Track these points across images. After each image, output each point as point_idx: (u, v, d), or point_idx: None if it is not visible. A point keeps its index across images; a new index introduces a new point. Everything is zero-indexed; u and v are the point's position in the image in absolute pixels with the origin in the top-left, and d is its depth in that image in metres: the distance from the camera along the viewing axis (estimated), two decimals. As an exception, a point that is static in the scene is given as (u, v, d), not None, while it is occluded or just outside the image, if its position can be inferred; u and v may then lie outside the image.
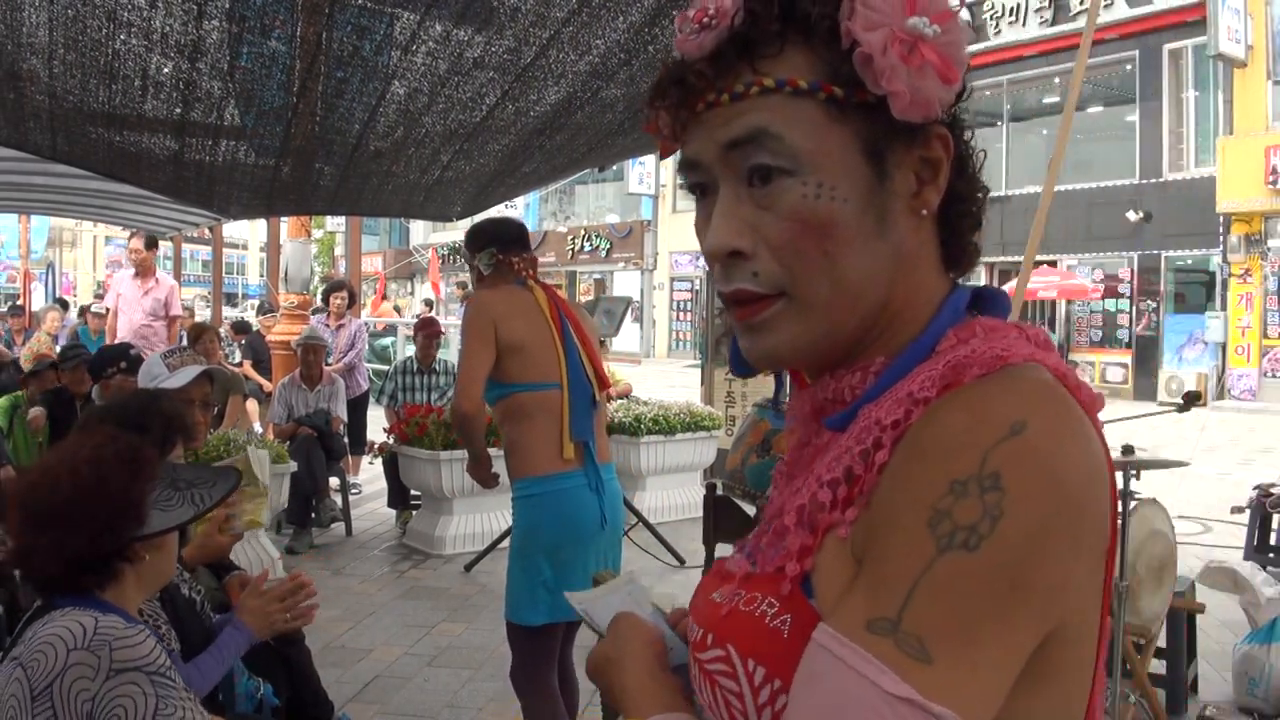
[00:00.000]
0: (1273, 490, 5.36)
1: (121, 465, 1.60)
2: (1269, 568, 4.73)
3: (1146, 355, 17.85)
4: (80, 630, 1.50)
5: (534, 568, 2.70)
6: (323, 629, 4.27)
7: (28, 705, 1.44)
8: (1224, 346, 16.53)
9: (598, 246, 29.43)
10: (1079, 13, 17.79)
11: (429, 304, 18.36)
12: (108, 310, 13.65)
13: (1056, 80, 19.41)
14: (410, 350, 8.28)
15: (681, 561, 5.80)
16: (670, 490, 7.12)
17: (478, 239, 2.90)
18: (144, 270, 7.31)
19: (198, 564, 2.51)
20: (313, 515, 6.16)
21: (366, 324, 9.56)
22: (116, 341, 6.60)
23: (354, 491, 7.39)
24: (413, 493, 6.59)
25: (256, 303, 30.69)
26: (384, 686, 3.97)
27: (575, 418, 2.73)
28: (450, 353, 10.06)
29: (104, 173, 4.62)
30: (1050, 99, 20.61)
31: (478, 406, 2.77)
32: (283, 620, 2.14)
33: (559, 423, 2.71)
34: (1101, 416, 0.71)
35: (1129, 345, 18.18)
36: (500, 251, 2.84)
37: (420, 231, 35.41)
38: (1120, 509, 2.99)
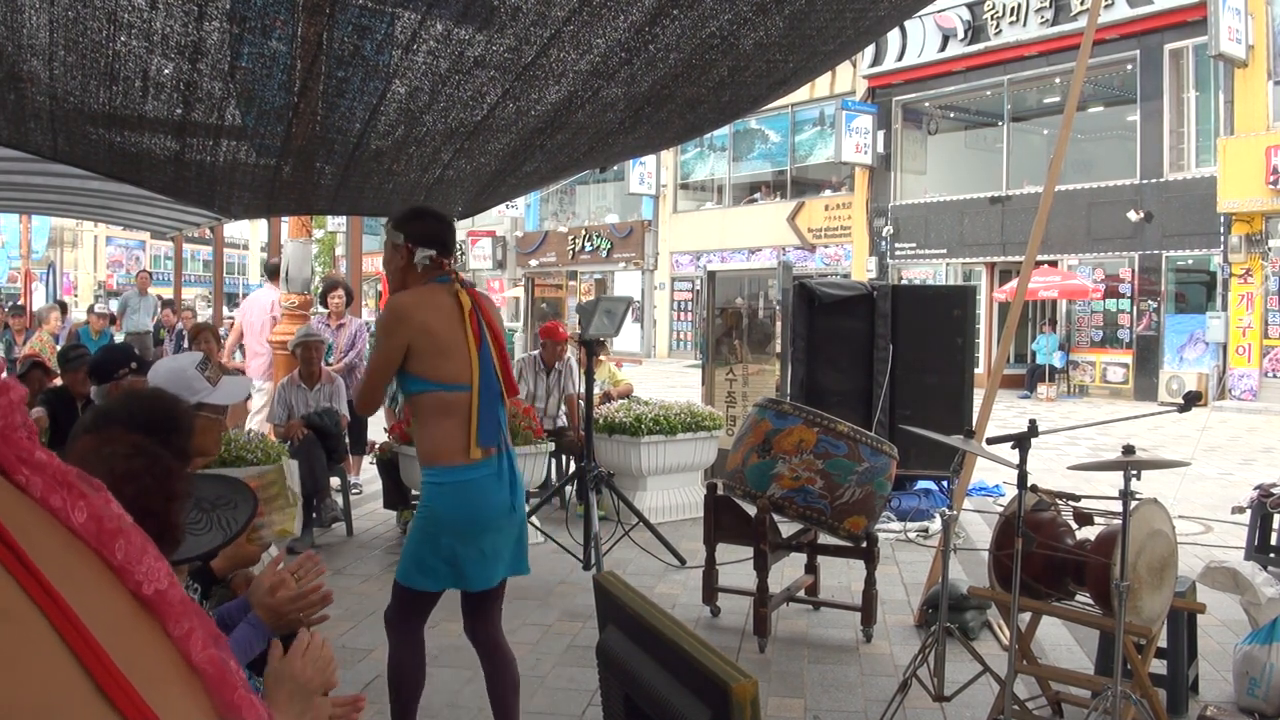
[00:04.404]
0: (1273, 490, 5.36)
1: (158, 485, 1.47)
2: (1270, 568, 4.73)
3: (1147, 355, 17.84)
4: None
5: (438, 545, 2.93)
6: (323, 628, 4.27)
7: None
8: (1225, 346, 16.52)
9: (598, 247, 29.42)
10: (1080, 12, 17.79)
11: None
12: (110, 312, 13.69)
13: (1057, 80, 19.41)
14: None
15: (682, 561, 5.80)
16: (671, 490, 7.12)
17: (423, 239, 2.97)
18: None
19: (227, 574, 2.46)
20: (313, 515, 6.16)
21: (367, 324, 9.57)
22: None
23: (354, 491, 7.39)
24: (413, 492, 6.59)
25: (257, 303, 30.62)
26: (384, 686, 3.96)
27: (483, 422, 2.93)
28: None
29: (105, 173, 4.62)
30: (1051, 99, 20.61)
31: (373, 412, 3.03)
32: (295, 620, 2.13)
33: (465, 422, 2.91)
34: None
35: (1130, 345, 18.18)
36: (440, 255, 3.00)
37: (421, 231, 35.37)
38: (1122, 509, 2.99)
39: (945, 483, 7.02)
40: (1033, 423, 3.20)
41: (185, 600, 0.55)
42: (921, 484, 7.27)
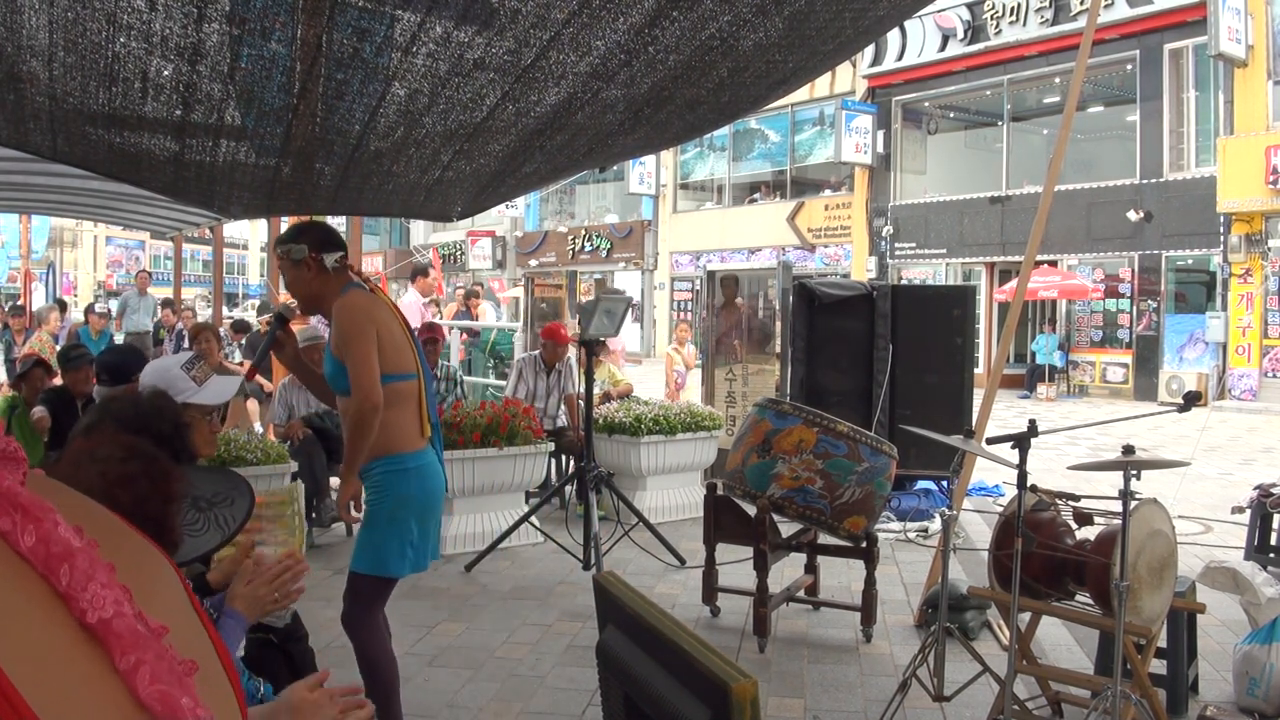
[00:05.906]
0: (1273, 490, 5.36)
1: (155, 488, 1.43)
2: (1269, 568, 4.73)
3: (1147, 355, 17.84)
4: None
5: (405, 529, 3.13)
6: (323, 629, 4.27)
7: None
8: (1224, 346, 16.52)
9: (598, 247, 29.42)
10: (1079, 12, 17.79)
11: (436, 304, 18.10)
12: (109, 311, 13.69)
13: (1057, 80, 19.41)
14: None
15: (682, 561, 5.80)
16: (671, 490, 7.13)
17: (325, 243, 3.21)
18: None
19: (224, 589, 2.47)
20: (313, 515, 6.17)
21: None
22: None
23: (355, 492, 7.38)
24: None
25: (257, 303, 30.63)
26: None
27: (430, 403, 3.22)
28: (451, 356, 10.03)
29: (104, 173, 4.62)
30: (1051, 99, 20.61)
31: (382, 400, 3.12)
32: (271, 601, 2.13)
33: (417, 407, 3.17)
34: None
35: (1130, 345, 18.18)
36: (344, 258, 3.24)
37: (420, 231, 35.41)
38: (1122, 509, 3.00)
39: (945, 483, 7.03)
40: (1032, 423, 3.21)
41: (134, 631, 0.53)
42: (921, 484, 7.28)
